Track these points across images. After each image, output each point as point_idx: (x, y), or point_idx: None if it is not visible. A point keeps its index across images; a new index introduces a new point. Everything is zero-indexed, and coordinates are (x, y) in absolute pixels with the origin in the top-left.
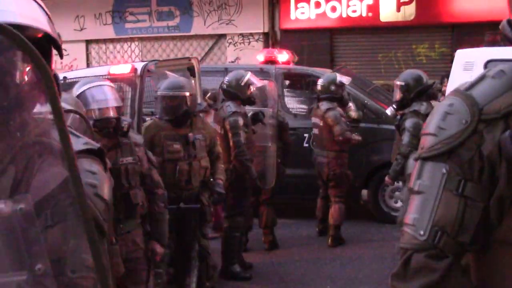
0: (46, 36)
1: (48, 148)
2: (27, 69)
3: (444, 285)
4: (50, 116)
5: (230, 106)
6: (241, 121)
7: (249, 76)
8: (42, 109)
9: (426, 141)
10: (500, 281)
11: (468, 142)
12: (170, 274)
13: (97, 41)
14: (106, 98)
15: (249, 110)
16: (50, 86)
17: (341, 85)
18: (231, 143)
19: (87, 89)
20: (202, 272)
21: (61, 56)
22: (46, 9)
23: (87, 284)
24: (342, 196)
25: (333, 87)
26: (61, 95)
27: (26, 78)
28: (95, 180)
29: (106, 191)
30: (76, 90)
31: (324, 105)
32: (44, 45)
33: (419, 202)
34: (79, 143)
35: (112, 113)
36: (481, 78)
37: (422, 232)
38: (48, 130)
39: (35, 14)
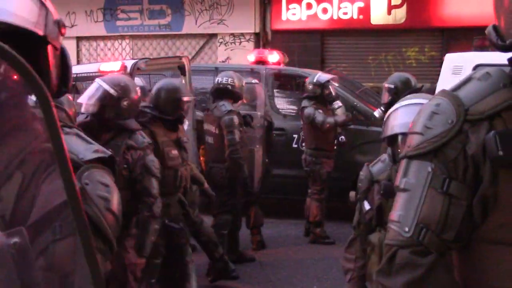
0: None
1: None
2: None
3: (428, 281)
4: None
5: (225, 105)
6: (236, 120)
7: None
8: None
9: (413, 140)
10: (483, 278)
11: (453, 141)
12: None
13: (87, 38)
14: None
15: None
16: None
17: (319, 84)
18: (225, 142)
19: None
20: None
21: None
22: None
23: None
24: (316, 193)
25: (310, 86)
26: (69, 89)
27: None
28: (107, 193)
29: (116, 204)
30: None
31: (302, 104)
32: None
33: (404, 200)
34: (89, 150)
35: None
36: (467, 80)
37: (407, 229)
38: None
39: (20, 9)
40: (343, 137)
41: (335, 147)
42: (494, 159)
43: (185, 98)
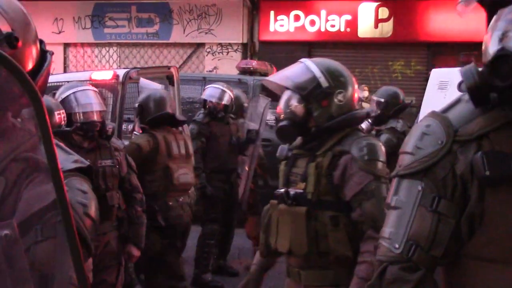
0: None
1: (37, 164)
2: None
3: None
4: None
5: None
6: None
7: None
8: (30, 123)
9: (404, 160)
10: None
11: (443, 161)
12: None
13: (75, 44)
14: (91, 102)
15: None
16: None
17: None
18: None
19: (72, 93)
20: None
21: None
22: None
23: None
24: None
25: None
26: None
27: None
28: (85, 200)
29: (93, 209)
30: (61, 94)
31: None
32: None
33: (395, 217)
34: (69, 160)
35: (96, 117)
36: (457, 102)
37: (397, 246)
38: (36, 145)
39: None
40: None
41: None
42: (481, 178)
43: None
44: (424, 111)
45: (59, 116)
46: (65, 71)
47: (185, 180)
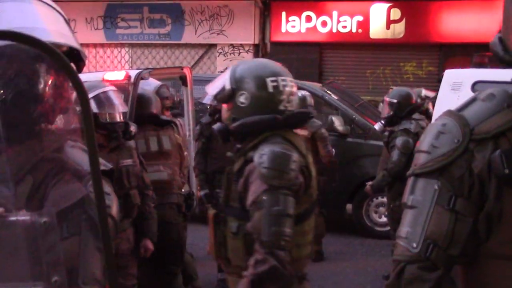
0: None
1: (63, 164)
2: (51, 83)
3: None
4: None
5: None
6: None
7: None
8: (58, 126)
9: (420, 158)
10: None
11: (459, 160)
12: None
13: (87, 45)
14: (115, 103)
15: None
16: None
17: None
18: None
19: (96, 94)
20: None
21: (80, 68)
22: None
23: None
24: None
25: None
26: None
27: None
28: (108, 201)
29: (115, 210)
30: None
31: None
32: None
33: (412, 216)
34: None
35: (119, 118)
36: (472, 100)
37: (415, 245)
38: (63, 146)
39: (65, 31)
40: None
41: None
42: (500, 177)
43: None
44: (437, 111)
45: None
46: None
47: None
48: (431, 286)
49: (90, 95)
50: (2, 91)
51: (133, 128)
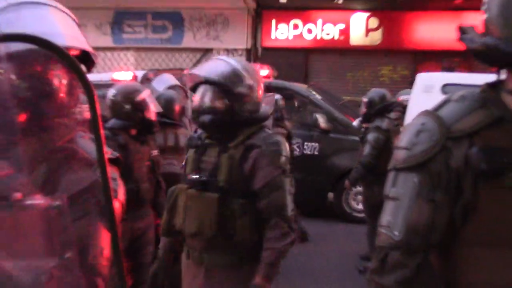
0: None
1: (74, 153)
2: (64, 82)
3: (417, 279)
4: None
5: None
6: None
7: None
8: (70, 119)
9: (400, 154)
10: (462, 275)
11: (438, 156)
12: None
13: (96, 48)
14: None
15: None
16: (93, 102)
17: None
18: None
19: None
20: None
21: (90, 68)
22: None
23: (104, 270)
24: None
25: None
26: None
27: (63, 93)
28: (115, 186)
29: (122, 194)
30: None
31: None
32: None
33: (393, 207)
34: None
35: (153, 117)
36: (446, 102)
37: (397, 233)
38: (74, 137)
39: (78, 35)
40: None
41: None
42: (477, 171)
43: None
44: (411, 111)
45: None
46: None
47: (170, 170)
48: (413, 270)
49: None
50: (21, 89)
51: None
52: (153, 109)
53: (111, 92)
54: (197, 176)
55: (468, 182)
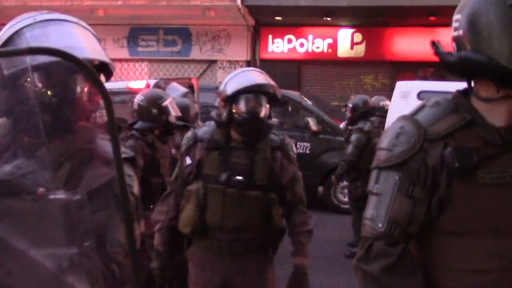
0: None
1: (95, 153)
2: (85, 90)
3: (399, 266)
4: (97, 128)
5: None
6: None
7: None
8: (90, 121)
9: (382, 155)
10: (438, 261)
11: (416, 156)
12: None
13: (113, 60)
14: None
15: None
16: (110, 108)
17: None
18: None
19: (169, 102)
20: None
21: (109, 77)
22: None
23: (120, 257)
24: None
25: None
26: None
27: (84, 100)
28: (130, 182)
29: (136, 189)
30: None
31: None
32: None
33: (376, 202)
34: None
35: (174, 120)
36: (422, 107)
37: (380, 225)
38: (94, 138)
39: (98, 49)
40: None
41: None
42: (451, 169)
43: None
44: (391, 115)
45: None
46: (106, 81)
47: None
48: (396, 258)
49: (168, 101)
50: (49, 96)
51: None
52: (173, 114)
53: (138, 98)
54: (240, 178)
55: (443, 178)
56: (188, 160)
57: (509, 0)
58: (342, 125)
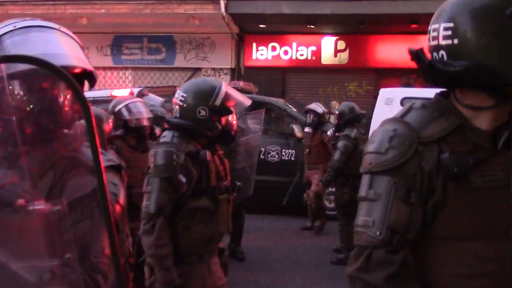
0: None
1: (79, 161)
2: (67, 98)
3: (402, 274)
4: (82, 136)
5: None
6: None
7: None
8: (74, 130)
9: (373, 158)
10: (433, 265)
11: (411, 160)
12: None
13: (97, 68)
14: (141, 111)
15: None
16: (88, 114)
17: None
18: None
19: (126, 104)
20: None
21: (92, 85)
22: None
23: (104, 267)
24: None
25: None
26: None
27: (66, 107)
28: (116, 190)
29: (122, 198)
30: (116, 106)
31: None
32: (79, 76)
33: (371, 208)
34: (103, 160)
35: (145, 122)
36: (409, 109)
37: (378, 233)
38: (79, 146)
39: (81, 55)
40: None
41: None
42: (449, 174)
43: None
44: (375, 121)
45: (108, 124)
46: (90, 89)
47: None
48: (398, 266)
49: (121, 105)
50: (29, 104)
51: (157, 130)
52: (137, 116)
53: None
54: (233, 184)
55: (439, 183)
56: (182, 178)
57: (508, 10)
58: (329, 132)
